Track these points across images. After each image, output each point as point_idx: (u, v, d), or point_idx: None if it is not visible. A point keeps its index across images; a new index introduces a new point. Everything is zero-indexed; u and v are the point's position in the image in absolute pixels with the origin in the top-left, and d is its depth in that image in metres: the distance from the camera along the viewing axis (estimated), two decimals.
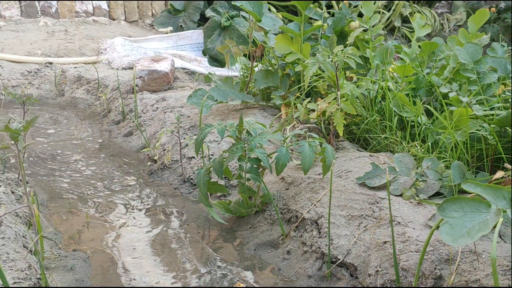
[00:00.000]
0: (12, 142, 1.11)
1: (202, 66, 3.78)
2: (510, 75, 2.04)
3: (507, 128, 1.50)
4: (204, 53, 3.94)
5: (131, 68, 3.37)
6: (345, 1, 4.10)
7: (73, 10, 4.18)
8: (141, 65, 2.82)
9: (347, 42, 2.07)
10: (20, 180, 1.73)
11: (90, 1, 4.25)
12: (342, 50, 1.75)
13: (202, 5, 4.30)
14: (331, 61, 1.73)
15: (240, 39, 3.79)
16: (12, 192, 1.62)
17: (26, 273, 1.10)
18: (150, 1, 4.52)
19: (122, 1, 4.38)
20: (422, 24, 2.44)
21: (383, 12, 4.79)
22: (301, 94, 2.07)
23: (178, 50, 4.01)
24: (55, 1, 4.11)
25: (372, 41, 2.20)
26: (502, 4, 6.27)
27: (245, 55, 2.48)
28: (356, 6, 4.19)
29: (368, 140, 1.87)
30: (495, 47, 2.20)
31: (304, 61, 2.13)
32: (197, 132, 2.15)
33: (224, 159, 1.48)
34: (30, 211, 1.16)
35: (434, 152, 1.64)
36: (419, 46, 2.22)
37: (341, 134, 1.69)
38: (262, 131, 1.51)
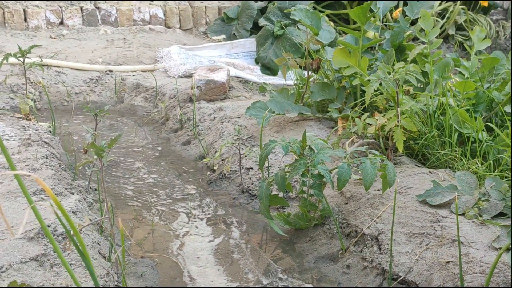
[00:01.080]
0: (95, 156, 1.19)
1: (255, 74, 3.84)
2: None
3: None
4: (257, 61, 4.00)
5: (187, 76, 3.47)
6: (397, 13, 4.08)
7: (131, 19, 4.33)
8: (199, 75, 2.90)
9: (407, 59, 2.08)
10: (91, 187, 1.82)
11: (147, 10, 4.39)
12: (403, 67, 1.77)
13: (255, 14, 4.36)
14: (392, 77, 1.75)
15: (293, 48, 3.83)
16: (84, 199, 1.72)
17: (105, 280, 1.18)
18: (204, 10, 4.62)
19: (178, 10, 4.50)
20: (482, 37, 2.42)
21: (437, 20, 4.72)
22: (358, 108, 2.09)
23: (231, 58, 4.09)
24: (115, 10, 4.27)
25: (430, 56, 2.20)
26: None
27: (300, 66, 2.52)
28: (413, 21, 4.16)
29: (426, 155, 1.88)
30: None
31: (361, 75, 2.15)
32: (254, 143, 2.21)
33: (287, 173, 1.53)
34: (110, 222, 1.24)
35: (496, 170, 1.63)
36: (480, 60, 2.20)
37: (400, 151, 1.71)
38: (323, 146, 1.55)
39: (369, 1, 2.18)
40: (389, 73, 1.77)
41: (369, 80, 2.05)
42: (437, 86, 2.03)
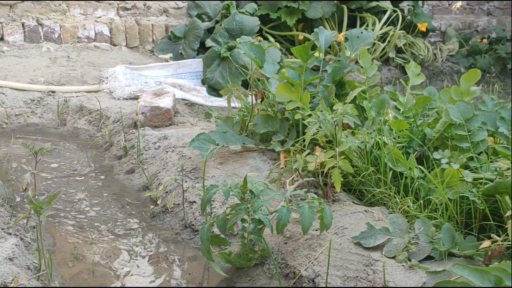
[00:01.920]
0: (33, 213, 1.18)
1: (201, 95, 3.86)
2: (499, 129, 2.13)
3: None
4: (203, 82, 4.02)
5: (132, 98, 3.44)
6: (340, 37, 4.21)
7: (76, 36, 4.26)
8: (144, 101, 2.89)
9: (347, 96, 2.16)
10: (31, 227, 1.79)
11: (93, 27, 4.33)
12: (343, 106, 1.84)
13: (202, 34, 4.38)
14: (331, 119, 1.82)
15: (238, 70, 3.88)
16: (22, 239, 1.68)
17: None
18: (151, 28, 4.60)
19: (124, 28, 4.46)
20: (417, 72, 2.54)
21: (378, 44, 4.90)
22: (299, 144, 2.15)
23: (178, 78, 4.09)
24: (58, 27, 4.18)
25: (369, 91, 2.29)
26: (494, 34, 6.40)
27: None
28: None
29: (363, 192, 1.95)
30: (486, 101, 2.30)
31: (303, 109, 2.22)
32: (198, 175, 2.23)
33: (228, 216, 1.56)
34: (48, 277, 1.22)
35: (426, 210, 1.73)
36: (414, 98, 2.31)
37: (338, 190, 1.77)
38: (264, 188, 1.59)
39: (310, 41, 2.25)
40: (329, 115, 1.84)
41: (310, 115, 2.12)
42: (374, 124, 2.12)
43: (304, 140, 2.11)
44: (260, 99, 2.50)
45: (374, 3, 4.97)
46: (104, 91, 3.56)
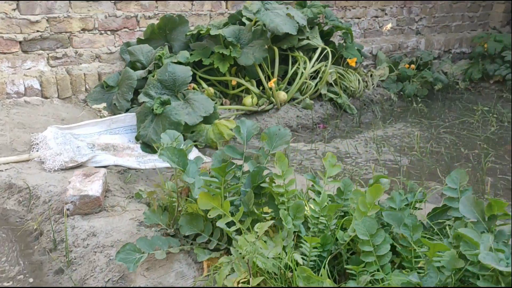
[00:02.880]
0: None
1: (135, 153, 3.88)
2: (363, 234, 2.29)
3: None
4: (137, 138, 4.04)
5: (63, 169, 3.42)
6: (271, 83, 4.31)
7: (4, 92, 4.16)
8: (73, 188, 2.90)
9: (258, 234, 2.26)
10: None
11: (22, 82, 4.24)
12: (254, 241, 1.94)
13: (135, 84, 4.38)
14: (243, 257, 1.91)
15: (172, 126, 3.92)
16: None
17: None
18: (83, 77, 4.55)
19: (55, 79, 4.39)
20: (334, 163, 2.66)
21: (310, 83, 5.03)
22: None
23: (112, 134, 4.09)
24: None
25: (287, 193, 2.40)
26: (423, 55, 6.62)
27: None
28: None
29: None
30: (394, 197, 2.45)
31: (224, 215, 2.30)
32: (125, 284, 2.28)
33: None
34: None
35: None
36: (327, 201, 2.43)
37: None
38: None
39: (227, 162, 2.33)
40: (242, 254, 1.93)
41: (232, 221, 2.22)
42: (288, 236, 2.24)
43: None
44: (185, 197, 2.57)
45: (305, 42, 5.09)
46: (35, 159, 3.52)
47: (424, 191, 2.71)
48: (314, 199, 2.47)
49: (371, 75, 6.22)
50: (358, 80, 5.68)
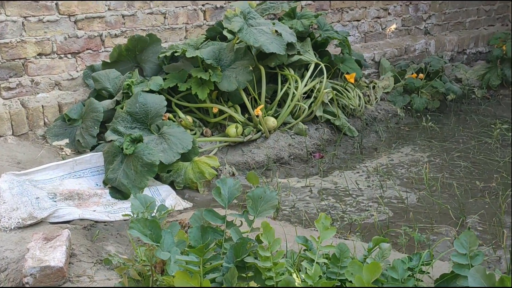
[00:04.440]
0: None
1: (104, 202, 3.94)
2: None
3: None
4: (106, 183, 4.09)
5: (20, 227, 3.47)
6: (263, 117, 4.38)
7: None
8: (32, 257, 2.95)
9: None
10: None
11: None
12: None
13: (101, 117, 4.44)
14: None
15: (145, 168, 3.98)
16: None
17: None
18: (41, 110, 4.60)
19: (9, 115, 4.44)
20: (327, 225, 2.74)
21: (302, 105, 5.10)
22: None
23: (76, 177, 4.14)
24: None
25: (275, 266, 2.47)
26: (433, 62, 6.69)
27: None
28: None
29: None
30: (396, 266, 2.53)
31: None
32: None
33: None
34: None
35: None
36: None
37: None
38: None
39: (205, 243, 2.40)
40: None
41: None
42: None
43: None
44: (160, 272, 2.64)
45: (295, 58, 5.17)
46: None
47: (431, 250, 2.80)
48: (306, 271, 2.55)
49: (373, 87, 6.31)
50: (359, 96, 5.77)
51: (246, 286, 2.43)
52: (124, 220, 3.70)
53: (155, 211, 2.87)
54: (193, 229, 2.66)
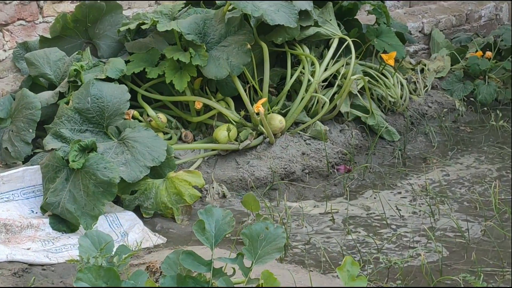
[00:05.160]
0: None
1: (42, 234, 3.95)
2: None
3: None
4: (44, 209, 4.09)
5: None
6: None
7: None
8: None
9: None
10: None
11: None
12: None
13: (39, 117, 4.44)
14: None
15: (100, 188, 3.99)
16: None
17: None
18: None
19: None
20: (355, 274, 2.76)
21: (321, 98, 5.09)
22: None
23: (3, 201, 4.14)
24: None
25: None
26: (505, 34, 6.65)
27: None
28: None
29: None
30: None
31: None
32: None
33: None
34: None
35: None
36: None
37: None
38: None
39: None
40: None
41: None
42: None
43: None
44: None
45: (312, 30, 5.18)
46: None
47: None
48: None
49: (422, 71, 6.32)
50: (401, 83, 5.77)
51: None
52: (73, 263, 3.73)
53: (113, 253, 2.89)
54: (166, 279, 2.68)
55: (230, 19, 4.85)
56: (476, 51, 6.50)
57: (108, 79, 4.51)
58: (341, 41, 5.34)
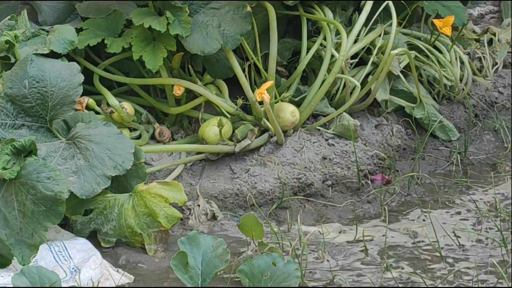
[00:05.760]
0: None
1: None
2: None
3: None
4: None
5: None
6: None
7: None
8: None
9: None
10: None
11: None
12: None
13: None
14: None
15: (42, 207, 3.93)
16: None
17: None
18: None
19: None
20: None
21: (350, 80, 5.04)
22: None
23: None
24: None
25: None
26: None
27: None
28: None
29: None
30: None
31: None
32: None
33: None
34: None
35: None
36: None
37: None
38: None
39: None
40: None
41: None
42: None
43: None
44: None
45: None
46: None
47: None
48: None
49: (490, 43, 6.28)
50: (461, 60, 5.71)
51: None
52: None
53: None
54: None
55: None
56: None
57: (53, 55, 4.47)
58: (378, 1, 5.27)
